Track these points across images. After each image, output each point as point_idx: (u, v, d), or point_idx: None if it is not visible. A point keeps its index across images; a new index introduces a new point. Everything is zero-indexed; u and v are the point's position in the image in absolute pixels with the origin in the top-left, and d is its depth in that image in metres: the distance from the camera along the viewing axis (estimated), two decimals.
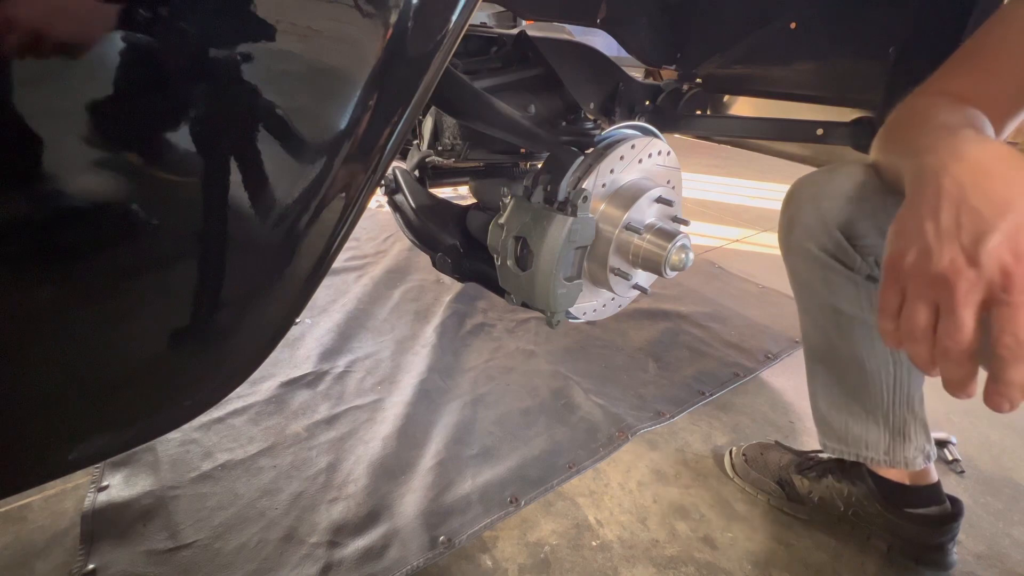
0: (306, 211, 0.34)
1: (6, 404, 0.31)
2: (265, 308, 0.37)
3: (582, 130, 0.94)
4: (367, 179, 0.37)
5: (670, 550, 0.85)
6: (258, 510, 0.88)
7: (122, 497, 0.88)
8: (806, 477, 0.91)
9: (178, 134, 0.30)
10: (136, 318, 0.32)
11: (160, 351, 0.34)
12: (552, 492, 0.94)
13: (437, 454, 1.00)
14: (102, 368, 0.32)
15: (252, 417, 1.08)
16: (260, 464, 0.97)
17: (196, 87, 0.30)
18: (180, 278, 0.33)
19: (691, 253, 0.81)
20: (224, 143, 0.31)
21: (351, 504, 0.90)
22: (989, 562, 0.85)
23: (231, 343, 0.37)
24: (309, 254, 0.36)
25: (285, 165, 0.33)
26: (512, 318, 1.48)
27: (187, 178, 0.32)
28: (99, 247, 0.30)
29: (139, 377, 0.34)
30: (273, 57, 0.31)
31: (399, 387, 1.19)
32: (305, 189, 0.34)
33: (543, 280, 0.79)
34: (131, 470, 0.94)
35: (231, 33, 0.30)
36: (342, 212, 0.37)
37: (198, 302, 0.33)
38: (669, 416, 1.13)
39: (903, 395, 0.78)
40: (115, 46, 0.27)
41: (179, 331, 0.34)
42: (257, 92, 0.31)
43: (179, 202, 0.31)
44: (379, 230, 2.04)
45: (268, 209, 0.33)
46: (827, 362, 0.82)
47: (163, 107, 0.29)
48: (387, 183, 1.26)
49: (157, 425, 0.37)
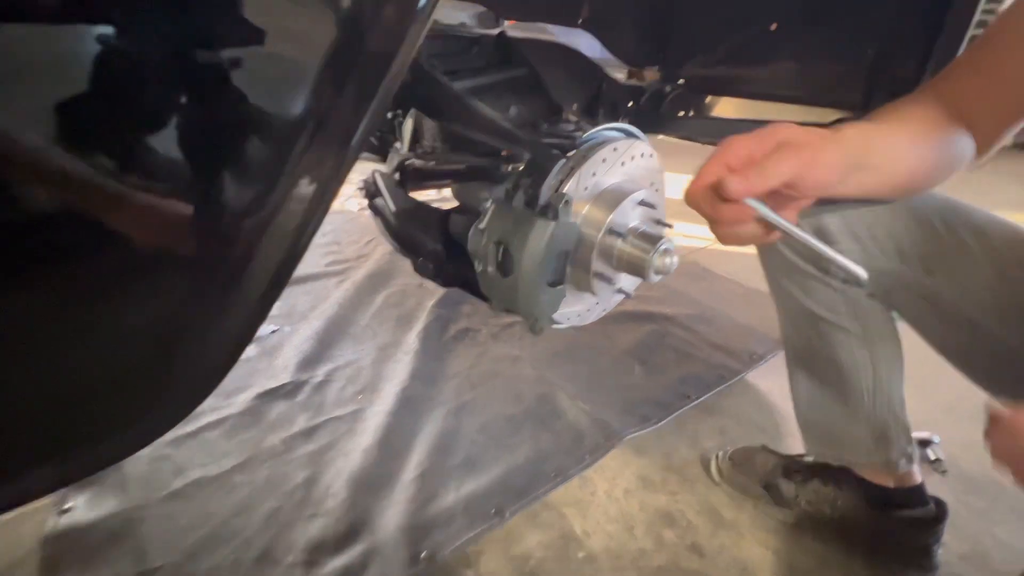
0: (258, 217, 0.31)
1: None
2: (215, 327, 0.34)
3: (564, 132, 0.92)
4: (329, 181, 0.34)
5: (657, 559, 0.84)
6: (232, 529, 0.84)
7: (86, 519, 0.84)
8: (792, 481, 0.91)
9: (107, 133, 0.27)
10: (69, 345, 0.29)
11: (99, 377, 0.31)
12: (538, 502, 0.92)
13: (419, 465, 0.97)
14: (32, 398, 0.29)
15: (227, 430, 1.04)
16: (234, 480, 0.93)
17: (119, 76, 0.27)
18: (118, 295, 0.30)
19: (675, 257, 0.79)
20: (157, 142, 0.28)
21: (330, 520, 0.87)
22: (973, 562, 0.86)
23: (177, 367, 0.34)
24: (264, 264, 0.33)
25: (233, 166, 0.30)
26: (497, 323, 1.45)
27: (126, 185, 0.29)
28: (24, 266, 0.27)
29: (78, 405, 0.31)
30: (205, 40, 0.28)
31: (380, 396, 1.16)
32: (257, 193, 0.31)
33: (525, 286, 0.77)
34: (97, 490, 0.89)
35: (160, 18, 0.27)
36: (302, 217, 0.34)
37: (139, 323, 0.30)
38: (655, 421, 1.12)
39: (883, 398, 0.77)
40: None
41: (119, 355, 0.31)
42: (189, 83, 0.28)
43: (108, 212, 0.28)
44: (361, 233, 2.00)
45: (213, 216, 0.30)
46: (808, 366, 0.82)
47: (87, 107, 0.26)
48: (367, 187, 1.23)
49: (101, 456, 0.34)
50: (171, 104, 0.29)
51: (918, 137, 0.50)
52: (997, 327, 0.61)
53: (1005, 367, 0.63)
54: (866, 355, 0.75)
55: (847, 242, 0.69)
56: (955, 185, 0.56)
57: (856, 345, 0.75)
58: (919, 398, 1.20)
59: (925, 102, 0.55)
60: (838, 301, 0.73)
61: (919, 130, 0.51)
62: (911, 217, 0.67)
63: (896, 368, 0.77)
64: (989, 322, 0.62)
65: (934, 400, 1.20)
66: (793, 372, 0.85)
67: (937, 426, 1.15)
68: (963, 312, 0.63)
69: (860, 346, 0.75)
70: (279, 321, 1.42)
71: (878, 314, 0.74)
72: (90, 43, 0.26)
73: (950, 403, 1.19)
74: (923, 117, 0.52)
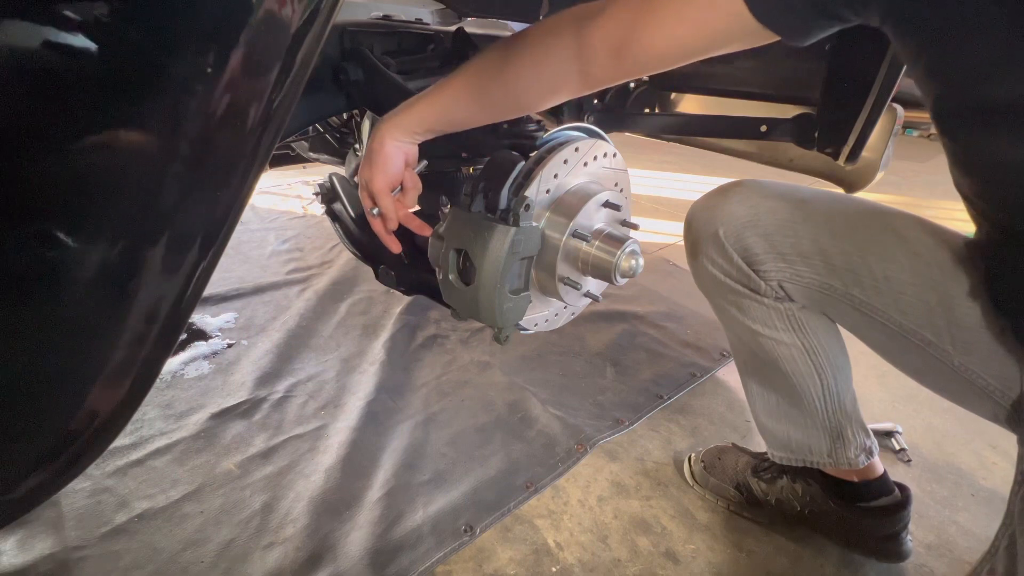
0: (142, 234, 0.25)
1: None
2: (83, 391, 0.27)
3: (524, 132, 0.89)
4: (235, 186, 0.29)
5: (632, 569, 0.82)
6: (180, 565, 0.78)
7: (14, 565, 0.76)
8: (762, 480, 0.91)
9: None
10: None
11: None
12: (509, 516, 0.89)
13: (385, 483, 0.93)
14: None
15: (177, 456, 0.97)
16: (184, 511, 0.87)
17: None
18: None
19: (641, 259, 0.77)
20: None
21: (288, 549, 0.81)
22: (939, 551, 0.87)
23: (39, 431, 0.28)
24: (153, 300, 0.27)
25: (99, 168, 0.24)
26: (466, 327, 1.42)
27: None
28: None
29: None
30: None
31: (344, 411, 1.11)
32: (133, 199, 0.25)
33: (487, 295, 0.74)
34: (27, 532, 0.81)
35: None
36: (207, 231, 0.28)
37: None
38: (628, 424, 1.11)
39: (834, 401, 0.78)
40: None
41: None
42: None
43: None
44: (324, 239, 1.93)
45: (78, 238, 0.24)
46: (758, 377, 0.82)
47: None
48: (323, 191, 1.17)
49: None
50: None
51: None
52: (929, 333, 0.62)
53: (944, 370, 0.63)
54: (809, 364, 0.75)
55: (773, 263, 0.69)
56: (906, 177, 0.56)
57: (798, 357, 0.75)
58: (878, 388, 1.23)
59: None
60: (773, 316, 0.73)
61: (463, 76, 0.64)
62: (836, 229, 0.67)
63: (843, 371, 0.78)
64: (921, 329, 0.62)
65: (895, 389, 1.23)
66: (746, 382, 0.85)
67: (898, 414, 1.18)
68: (894, 319, 0.64)
69: (802, 357, 0.75)
70: (236, 335, 1.34)
71: (816, 322, 0.74)
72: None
73: (911, 391, 1.22)
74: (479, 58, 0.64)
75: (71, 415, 0.28)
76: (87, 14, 0.23)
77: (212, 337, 1.33)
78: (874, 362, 0.80)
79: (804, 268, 0.68)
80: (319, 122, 1.35)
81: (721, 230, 0.71)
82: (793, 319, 0.73)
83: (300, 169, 2.38)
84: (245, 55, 0.26)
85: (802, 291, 0.70)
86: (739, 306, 0.75)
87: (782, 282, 0.70)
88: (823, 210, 0.69)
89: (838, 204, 0.70)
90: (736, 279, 0.73)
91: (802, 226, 0.68)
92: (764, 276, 0.70)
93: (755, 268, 0.71)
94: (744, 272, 0.71)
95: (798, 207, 0.69)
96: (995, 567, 0.56)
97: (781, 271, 0.69)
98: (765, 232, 0.69)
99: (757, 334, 0.75)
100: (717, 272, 0.74)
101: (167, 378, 1.16)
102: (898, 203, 0.69)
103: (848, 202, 0.71)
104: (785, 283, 0.70)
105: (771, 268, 0.69)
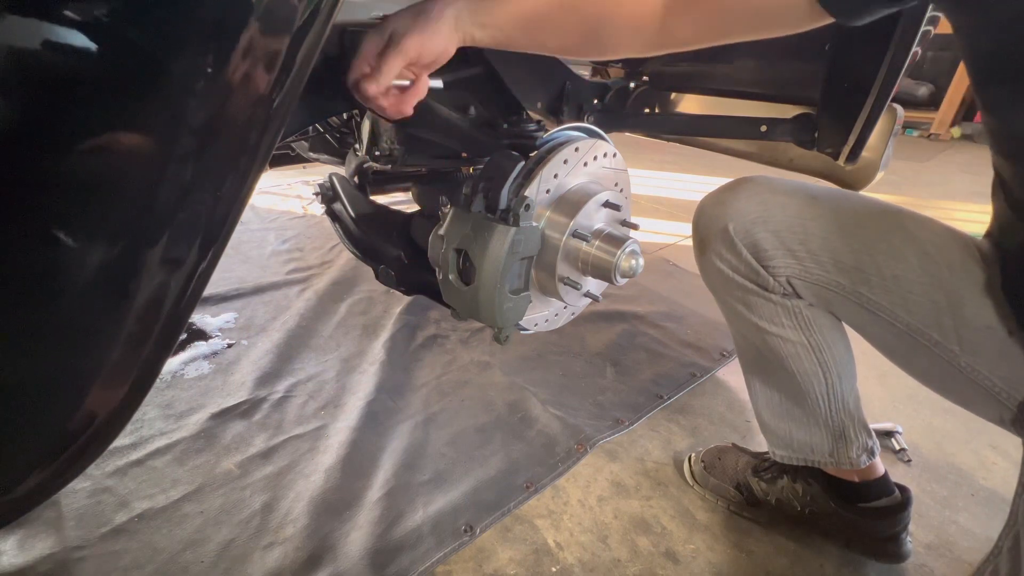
0: (141, 232, 0.25)
1: None
2: (81, 394, 0.27)
3: (524, 132, 0.89)
4: (235, 186, 0.29)
5: (632, 569, 0.82)
6: (180, 565, 0.78)
7: (14, 566, 0.76)
8: (762, 480, 0.90)
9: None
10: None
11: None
12: (509, 516, 0.89)
13: (385, 483, 0.93)
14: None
15: (177, 456, 0.97)
16: (184, 511, 0.87)
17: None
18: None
19: (641, 259, 0.77)
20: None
21: (288, 549, 0.81)
22: (939, 551, 0.87)
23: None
24: (153, 300, 0.27)
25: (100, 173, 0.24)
26: (466, 327, 1.42)
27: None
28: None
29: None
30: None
31: (344, 411, 1.11)
32: (135, 200, 0.25)
33: (487, 295, 0.74)
34: (27, 532, 0.81)
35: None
36: (207, 231, 0.28)
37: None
38: (628, 424, 1.11)
39: (838, 401, 0.78)
40: None
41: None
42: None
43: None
44: (324, 239, 1.93)
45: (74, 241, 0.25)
46: (761, 375, 0.82)
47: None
48: (323, 191, 1.17)
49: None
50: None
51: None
52: (936, 333, 0.62)
53: (950, 371, 0.63)
54: (815, 363, 0.75)
55: (782, 258, 0.69)
56: (906, 177, 0.56)
57: (804, 355, 0.75)
58: (879, 388, 1.23)
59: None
60: (780, 314, 0.73)
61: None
62: (845, 227, 0.67)
63: (847, 370, 0.78)
64: (928, 328, 0.62)
65: (894, 389, 1.23)
66: (749, 380, 0.85)
67: (898, 414, 1.18)
68: (901, 319, 0.64)
69: (808, 355, 0.75)
70: (236, 335, 1.34)
71: (823, 320, 0.74)
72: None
73: (911, 391, 1.22)
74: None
75: (71, 415, 0.28)
76: (87, 14, 0.23)
77: (212, 337, 1.33)
78: (875, 362, 0.80)
79: (813, 265, 0.68)
80: (319, 122, 1.35)
81: (731, 225, 0.71)
82: (800, 317, 0.73)
83: (300, 169, 2.38)
84: (245, 55, 0.26)
85: (810, 288, 0.70)
86: (746, 303, 0.74)
87: (791, 278, 0.70)
88: (833, 207, 0.68)
89: (848, 202, 0.70)
90: (744, 275, 0.72)
91: (812, 223, 0.68)
92: (773, 272, 0.70)
93: (764, 264, 0.70)
94: (753, 268, 0.71)
95: (808, 204, 0.69)
96: (998, 568, 0.56)
97: (790, 267, 0.69)
98: (775, 228, 0.69)
99: (763, 331, 0.75)
100: (725, 268, 0.73)
101: (167, 378, 1.16)
102: (898, 203, 0.69)
103: (857, 200, 0.71)
104: (794, 279, 0.70)
105: (780, 264, 0.69)
